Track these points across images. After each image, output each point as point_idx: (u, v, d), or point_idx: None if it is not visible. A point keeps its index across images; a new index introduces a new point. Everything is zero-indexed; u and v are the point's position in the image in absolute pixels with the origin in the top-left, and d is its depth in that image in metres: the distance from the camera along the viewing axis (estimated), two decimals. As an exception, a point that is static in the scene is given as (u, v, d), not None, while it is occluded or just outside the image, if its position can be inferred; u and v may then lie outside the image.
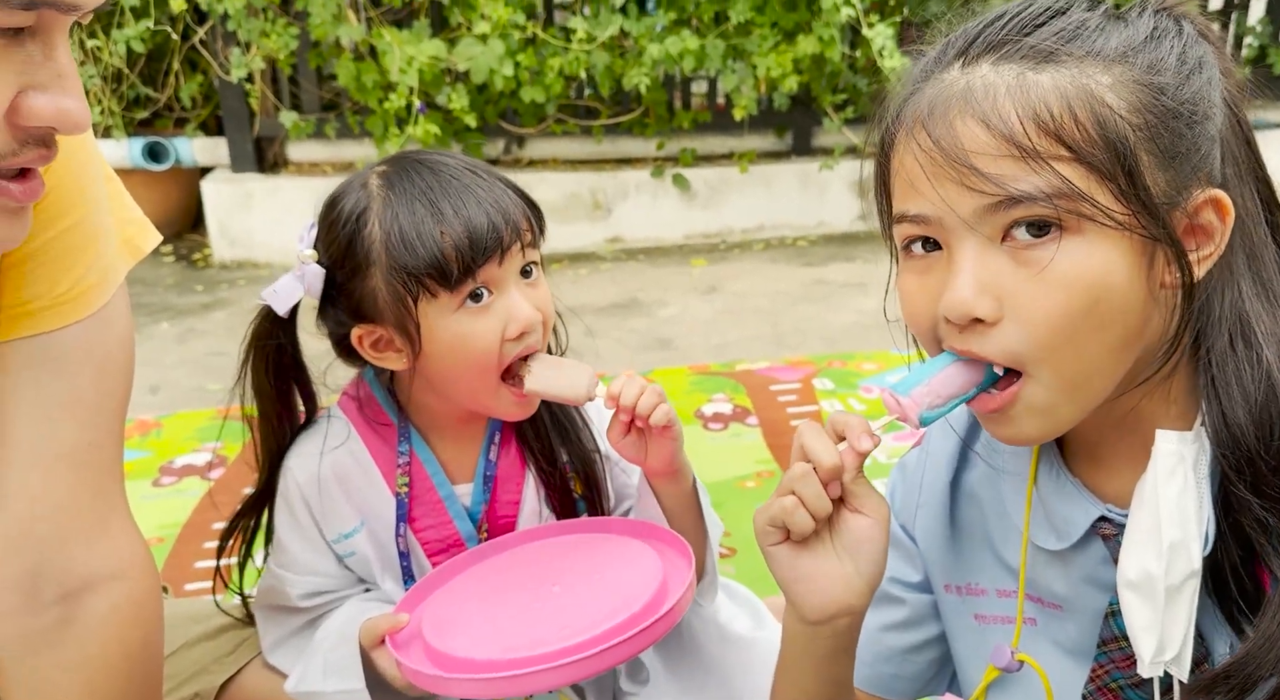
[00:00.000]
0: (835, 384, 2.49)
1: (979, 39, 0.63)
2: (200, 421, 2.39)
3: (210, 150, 3.82)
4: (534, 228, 0.96)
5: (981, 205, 0.60)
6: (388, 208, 0.91)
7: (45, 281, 0.75)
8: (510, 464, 1.05)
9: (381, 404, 1.04)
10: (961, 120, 0.60)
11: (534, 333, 0.95)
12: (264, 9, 3.39)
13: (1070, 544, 0.71)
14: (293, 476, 1.02)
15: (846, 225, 4.03)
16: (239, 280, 3.57)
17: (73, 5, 0.59)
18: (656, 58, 3.40)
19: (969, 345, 0.62)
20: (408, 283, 0.90)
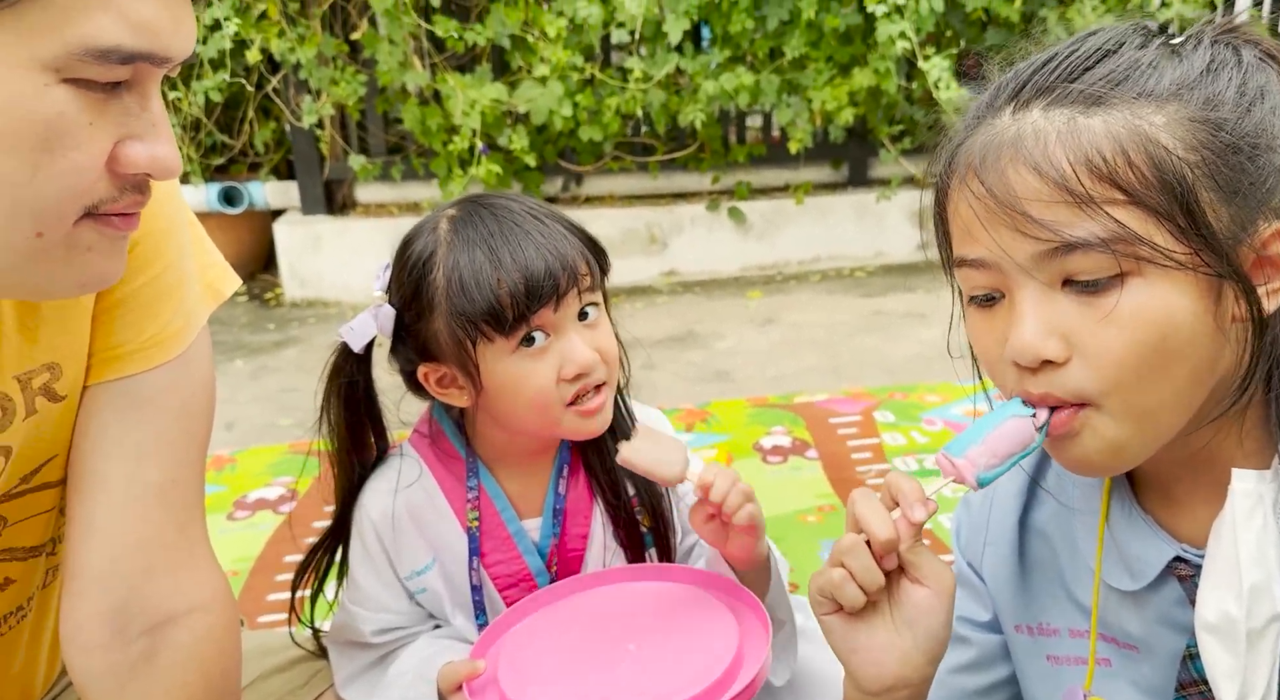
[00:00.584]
0: (896, 417, 2.46)
1: (1029, 83, 0.63)
2: (273, 456, 2.47)
3: (282, 193, 3.98)
4: (594, 271, 0.97)
5: (1038, 251, 0.60)
6: (451, 253, 0.94)
7: (134, 326, 0.79)
8: (578, 497, 1.06)
9: (451, 439, 1.06)
10: (1014, 167, 0.60)
11: (592, 373, 0.96)
12: (334, 58, 3.54)
13: (1144, 584, 0.70)
14: (367, 513, 1.04)
15: (905, 255, 4.00)
16: (309, 318, 3.69)
17: (165, 58, 0.62)
18: (712, 94, 3.45)
19: (1039, 388, 0.62)
20: (466, 327, 0.92)
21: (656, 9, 3.37)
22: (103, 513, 0.78)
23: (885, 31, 3.21)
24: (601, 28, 3.41)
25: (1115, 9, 3.25)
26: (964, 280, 0.66)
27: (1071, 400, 0.61)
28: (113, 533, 0.78)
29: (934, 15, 3.24)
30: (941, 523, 1.92)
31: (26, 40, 0.56)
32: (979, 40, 3.65)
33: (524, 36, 3.46)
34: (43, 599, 0.91)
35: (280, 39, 3.38)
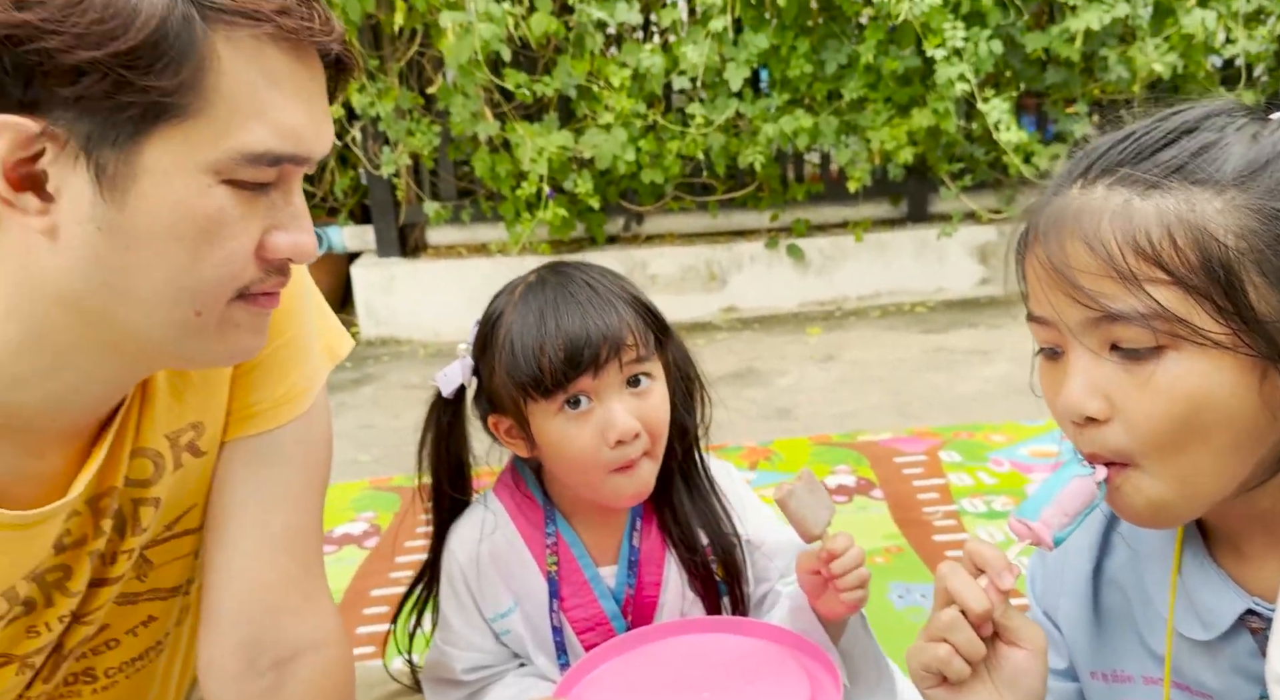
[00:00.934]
0: (963, 456, 2.47)
1: (1100, 160, 0.68)
2: (354, 492, 2.58)
3: (358, 237, 4.17)
4: (643, 341, 1.00)
5: (1086, 318, 0.65)
6: (513, 316, 1.01)
7: (267, 387, 0.87)
8: (652, 547, 1.09)
9: (530, 488, 1.12)
10: (1071, 240, 0.65)
11: (634, 443, 0.99)
12: (410, 110, 3.72)
13: (1216, 635, 0.73)
14: (454, 558, 1.10)
15: (967, 290, 4.00)
16: (383, 356, 3.84)
17: (308, 158, 0.70)
18: (771, 136, 3.52)
19: (1085, 444, 0.67)
20: (515, 387, 0.99)
21: (717, 57, 3.48)
22: (236, 557, 0.87)
23: (944, 74, 3.26)
24: (664, 76, 3.52)
25: (1178, 47, 3.25)
26: (1033, 333, 0.72)
27: (1113, 458, 0.66)
28: (245, 575, 0.86)
29: (993, 57, 3.28)
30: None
31: (194, 149, 0.65)
32: (1039, 81, 3.67)
33: (589, 86, 3.59)
34: (176, 636, 1.00)
35: (361, 94, 3.56)
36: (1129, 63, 3.31)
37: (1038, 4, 3.56)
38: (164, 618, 0.96)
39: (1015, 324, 3.66)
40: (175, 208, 0.66)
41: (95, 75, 0.62)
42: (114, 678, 0.94)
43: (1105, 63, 3.38)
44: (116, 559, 0.85)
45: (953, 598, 0.70)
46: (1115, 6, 3.18)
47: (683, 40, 3.52)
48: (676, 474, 1.10)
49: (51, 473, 0.78)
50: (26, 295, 0.69)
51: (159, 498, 0.85)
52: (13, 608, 0.78)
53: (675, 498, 1.09)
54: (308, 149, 0.70)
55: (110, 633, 0.91)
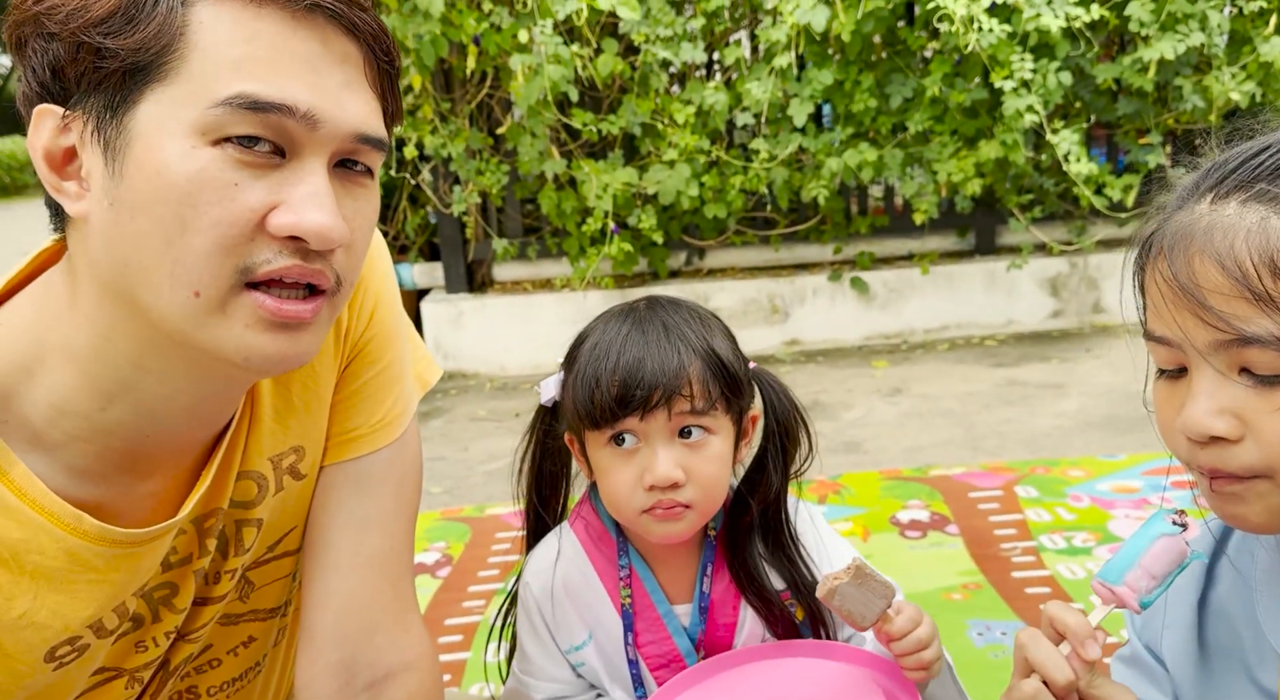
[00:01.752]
0: (1040, 492, 2.41)
1: (1234, 174, 0.66)
2: (427, 523, 2.62)
3: (428, 274, 4.28)
4: (705, 394, 0.98)
5: (1216, 340, 0.63)
6: (592, 340, 1.03)
7: (365, 413, 0.89)
8: (725, 590, 1.08)
9: (603, 521, 1.10)
10: (1200, 258, 0.63)
11: (673, 491, 0.98)
12: (479, 151, 3.83)
13: None
14: (529, 590, 1.11)
15: (1037, 323, 3.92)
16: (451, 390, 3.91)
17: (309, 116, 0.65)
18: (835, 170, 3.53)
19: (1209, 461, 0.65)
20: (574, 413, 1.02)
21: (780, 93, 3.51)
22: (334, 578, 0.89)
23: (1012, 106, 3.24)
24: (727, 112, 3.57)
25: (1256, 75, 3.18)
26: (1152, 352, 0.69)
27: (1240, 475, 0.64)
28: (341, 596, 0.88)
29: (1061, 88, 3.25)
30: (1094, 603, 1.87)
31: (179, 109, 0.64)
32: (1110, 111, 3.61)
33: (654, 124, 3.66)
34: (273, 657, 1.03)
35: (433, 136, 3.68)
36: (1204, 92, 3.24)
37: (1108, 34, 3.52)
38: (263, 638, 0.98)
39: (1088, 358, 3.58)
40: (161, 170, 0.64)
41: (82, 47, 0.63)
42: (215, 697, 0.97)
43: (1180, 92, 3.32)
44: (220, 578, 0.87)
45: (1034, 667, 0.69)
46: (1190, 35, 3.14)
47: (746, 77, 3.57)
48: (755, 529, 1.08)
49: (160, 492, 0.80)
50: (89, 293, 0.69)
51: (261, 519, 0.87)
52: (123, 623, 0.80)
53: (748, 552, 1.07)
54: (308, 104, 0.65)
55: (213, 652, 0.94)
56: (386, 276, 0.92)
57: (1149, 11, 3.14)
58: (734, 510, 1.09)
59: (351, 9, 0.69)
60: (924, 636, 0.93)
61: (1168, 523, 0.72)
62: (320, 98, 0.66)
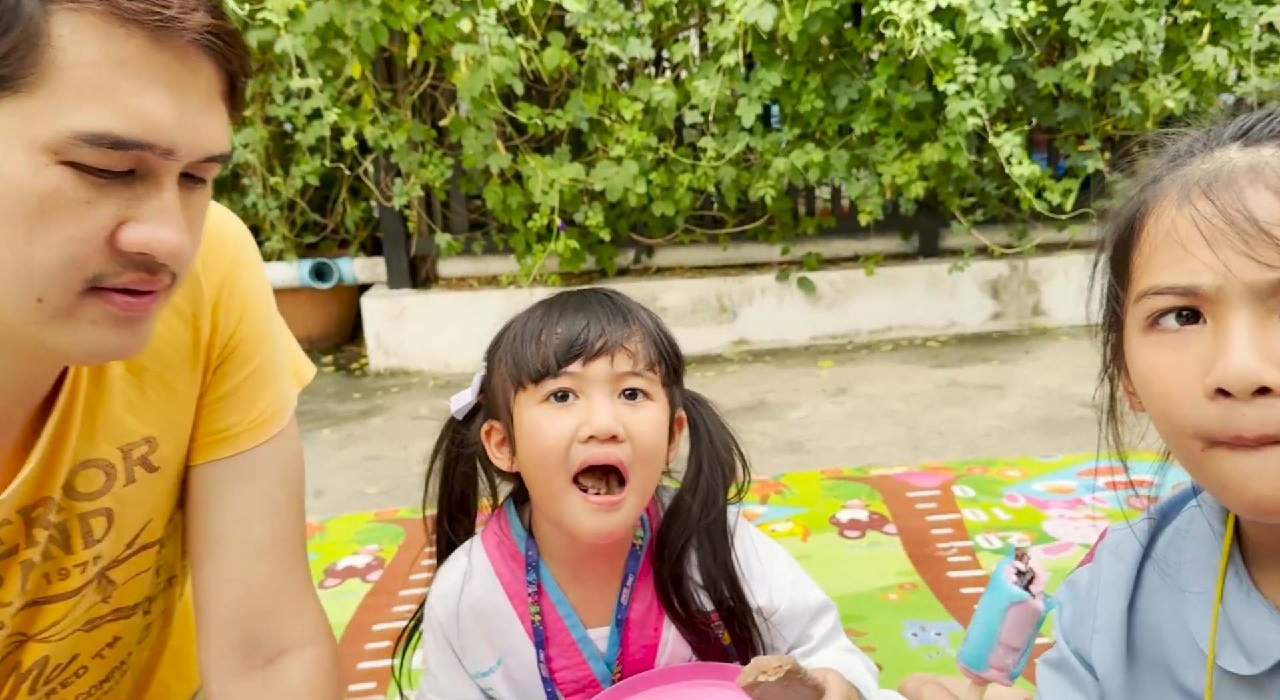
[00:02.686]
0: (977, 492, 2.42)
1: (1258, 126, 0.64)
2: (360, 524, 2.55)
3: (369, 268, 4.18)
4: (648, 360, 0.97)
5: (1271, 278, 0.58)
6: (526, 316, 1.02)
7: (240, 412, 0.90)
8: (646, 609, 1.04)
9: (515, 535, 1.06)
10: (1254, 189, 0.59)
11: (612, 445, 0.94)
12: (422, 142, 3.75)
13: (1263, 669, 0.68)
14: (434, 613, 1.06)
15: (978, 325, 3.97)
16: (393, 388, 3.83)
17: (168, 150, 0.65)
18: (782, 171, 3.53)
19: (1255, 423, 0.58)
20: (509, 377, 0.99)
21: (729, 92, 3.50)
22: (226, 566, 0.91)
23: (955, 109, 3.27)
24: (675, 110, 3.54)
25: (1190, 83, 3.25)
26: (1150, 305, 0.63)
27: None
28: (236, 582, 0.91)
29: (1004, 92, 3.29)
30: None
31: (28, 125, 0.62)
32: (1050, 116, 3.67)
33: (601, 120, 3.62)
34: (137, 656, 1.00)
35: (373, 126, 3.60)
36: (1141, 99, 3.31)
37: (1049, 40, 3.57)
38: (127, 638, 0.96)
39: (1027, 359, 3.63)
40: (5, 185, 0.63)
41: None
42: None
43: (1118, 99, 3.38)
44: (68, 574, 0.85)
45: None
46: (1127, 43, 3.19)
47: (694, 75, 3.55)
48: (692, 542, 1.03)
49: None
50: None
51: (110, 509, 0.85)
52: None
53: (680, 567, 1.03)
54: (168, 140, 0.65)
55: (80, 661, 0.92)
56: (255, 276, 0.92)
57: (1088, 17, 3.19)
58: (666, 526, 1.04)
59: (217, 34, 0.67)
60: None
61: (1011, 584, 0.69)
62: (180, 128, 0.67)
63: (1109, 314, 0.71)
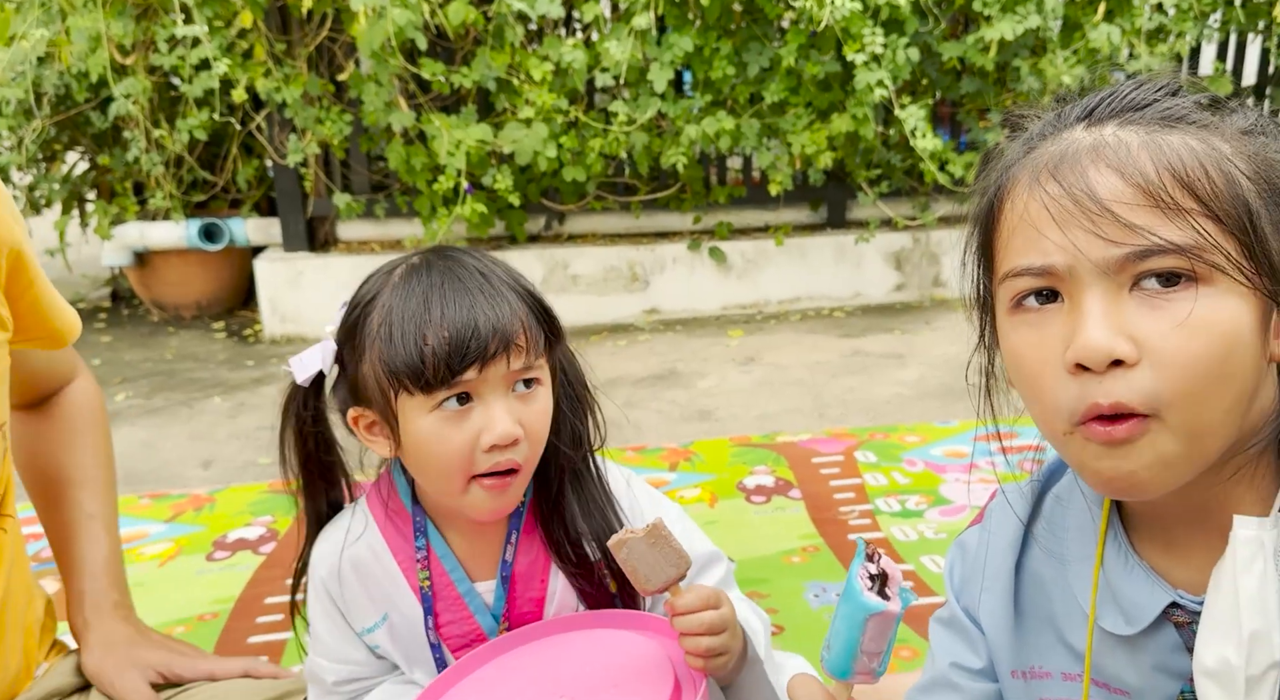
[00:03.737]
0: (878, 457, 2.48)
1: (1100, 106, 0.65)
2: (252, 495, 2.44)
3: (263, 230, 3.98)
4: (534, 340, 0.92)
5: (1117, 254, 0.60)
6: (393, 298, 0.91)
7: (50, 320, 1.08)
8: (532, 562, 1.02)
9: (401, 496, 1.02)
10: (1095, 169, 0.61)
11: (512, 449, 0.91)
12: (319, 97, 3.57)
13: (1139, 630, 0.70)
14: (317, 571, 1.03)
15: (882, 296, 4.06)
16: (288, 355, 3.65)
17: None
18: (693, 138, 3.50)
19: (1110, 394, 0.60)
20: (389, 377, 0.90)
21: (640, 56, 3.44)
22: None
23: (863, 79, 3.29)
24: (586, 72, 3.46)
25: (1086, 60, 3.36)
26: (1012, 288, 0.65)
27: (1141, 408, 0.59)
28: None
29: (910, 64, 3.33)
30: (926, 565, 1.93)
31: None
32: (954, 89, 3.75)
33: (509, 79, 3.51)
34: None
35: (266, 79, 3.40)
36: (1040, 74, 3.40)
37: (954, 13, 3.63)
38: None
39: (928, 329, 3.73)
40: None
41: None
42: None
43: (1018, 73, 3.47)
44: None
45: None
46: (1027, 18, 3.27)
47: (606, 37, 3.48)
48: (567, 484, 1.02)
49: None
50: None
51: None
52: None
53: (565, 510, 1.01)
54: None
55: None
56: (16, 227, 0.96)
57: (992, -7, 3.26)
58: (542, 473, 1.02)
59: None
60: (710, 621, 0.87)
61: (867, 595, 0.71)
62: None
63: (980, 294, 0.71)
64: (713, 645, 0.87)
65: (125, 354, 3.72)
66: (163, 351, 3.74)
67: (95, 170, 4.07)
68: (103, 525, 1.19)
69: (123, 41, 3.37)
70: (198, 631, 1.85)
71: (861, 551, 0.74)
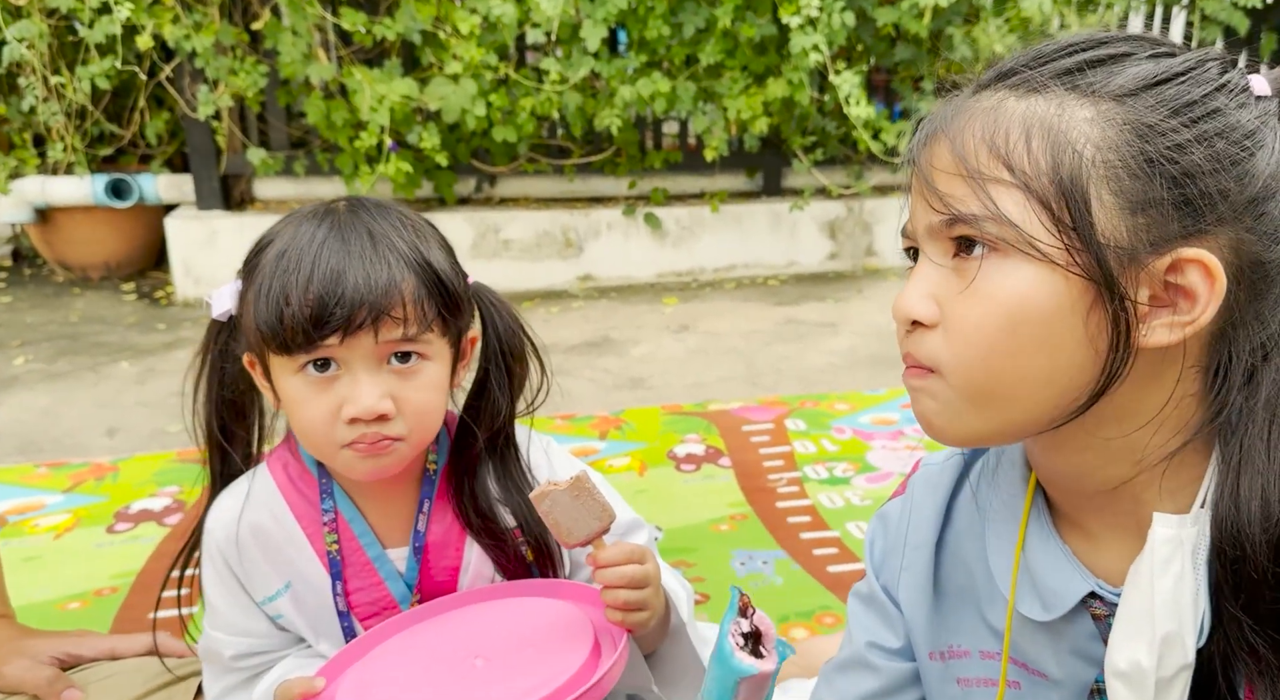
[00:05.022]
0: (808, 425, 2.47)
1: (998, 67, 0.64)
2: (158, 465, 2.32)
3: (175, 187, 3.78)
4: (419, 317, 0.87)
5: (934, 222, 0.62)
6: (280, 247, 0.87)
7: None
8: (446, 530, 0.99)
9: (305, 458, 0.99)
10: (939, 141, 0.62)
11: (383, 424, 0.87)
12: (232, 47, 3.38)
13: (1056, 616, 0.69)
14: (213, 537, 0.98)
15: (817, 265, 4.06)
16: (202, 318, 3.49)
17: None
18: (628, 99, 3.43)
19: (904, 347, 0.65)
20: (256, 333, 0.87)
21: (573, 11, 3.33)
22: None
23: (798, 43, 3.25)
24: (516, 27, 3.35)
25: (1018, 29, 3.37)
26: (903, 247, 0.69)
27: (926, 363, 0.63)
28: None
29: (845, 29, 3.30)
30: (851, 531, 1.93)
31: None
32: (889, 56, 3.73)
33: (435, 33, 3.37)
34: None
35: (175, 25, 3.20)
36: (973, 43, 3.41)
37: (890, -21, 3.61)
38: None
39: (860, 299, 3.75)
40: None
41: None
42: None
43: (950, 42, 3.47)
44: None
45: None
46: (961, -14, 3.27)
47: (538, -8, 3.36)
48: (482, 456, 0.99)
49: None
50: None
51: None
52: None
53: (477, 482, 0.98)
54: None
55: None
56: None
57: (928, -41, 3.24)
58: (459, 441, 0.98)
59: None
60: (633, 575, 0.85)
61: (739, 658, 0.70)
62: None
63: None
64: (632, 598, 0.85)
65: (26, 316, 3.50)
66: (67, 313, 3.53)
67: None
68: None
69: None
70: (94, 608, 1.75)
71: (734, 604, 0.72)
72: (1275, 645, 0.58)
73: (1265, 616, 0.57)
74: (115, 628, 1.69)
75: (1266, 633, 0.57)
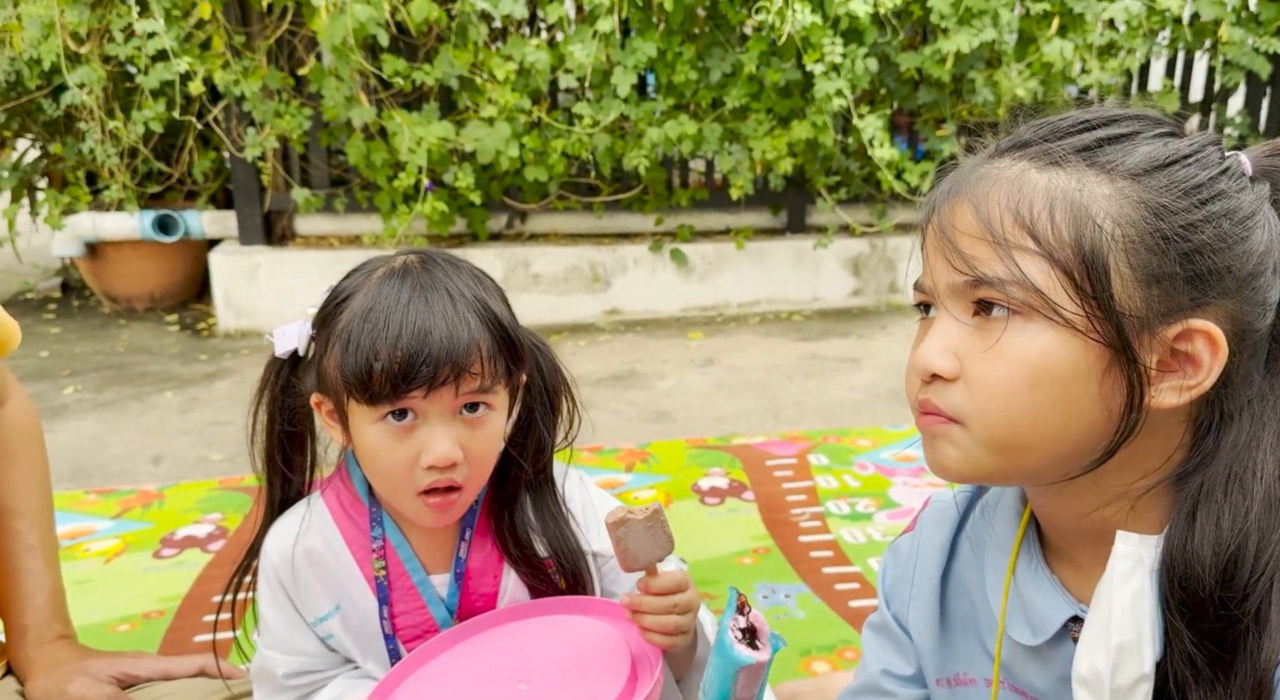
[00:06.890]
0: (830, 460, 2.52)
1: (1019, 138, 0.69)
2: (202, 492, 2.41)
3: (219, 223, 3.92)
4: (491, 370, 0.93)
5: (956, 282, 0.66)
6: (362, 301, 0.92)
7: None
8: (485, 558, 1.04)
9: (357, 487, 1.04)
10: (961, 204, 0.66)
11: (452, 471, 0.93)
12: (278, 91, 3.53)
13: (1044, 640, 0.73)
14: (268, 559, 1.03)
15: (840, 301, 4.11)
16: (243, 350, 3.62)
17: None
18: (656, 140, 3.52)
19: (924, 395, 0.68)
20: (340, 381, 0.92)
21: (604, 59, 3.45)
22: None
23: (822, 88, 3.33)
24: (549, 73, 3.47)
25: (1039, 73, 3.43)
26: (915, 300, 0.73)
27: (948, 414, 0.67)
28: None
29: (868, 74, 3.38)
30: (872, 567, 1.97)
31: None
32: (912, 99, 3.81)
33: (472, 78, 3.50)
34: None
35: (224, 71, 3.35)
36: (995, 87, 3.48)
37: (912, 25, 3.69)
38: None
39: (883, 335, 3.79)
40: None
41: None
42: None
43: (973, 85, 3.54)
44: None
45: None
46: (983, 31, 3.34)
47: (570, 39, 3.48)
48: (523, 491, 1.05)
49: None
50: None
51: None
52: None
53: (517, 515, 1.04)
54: None
55: None
56: None
57: (949, 4, 3.32)
58: (499, 474, 1.04)
59: None
60: (681, 602, 0.91)
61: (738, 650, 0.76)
62: None
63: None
64: (680, 624, 0.91)
65: (75, 346, 3.64)
66: (114, 344, 3.67)
67: (47, 159, 3.97)
68: (44, 557, 1.16)
69: (77, 30, 3.30)
70: (143, 629, 1.83)
71: (732, 603, 0.79)
72: (1213, 658, 0.63)
73: (1207, 632, 0.63)
74: (162, 649, 1.77)
75: (1205, 646, 0.63)
